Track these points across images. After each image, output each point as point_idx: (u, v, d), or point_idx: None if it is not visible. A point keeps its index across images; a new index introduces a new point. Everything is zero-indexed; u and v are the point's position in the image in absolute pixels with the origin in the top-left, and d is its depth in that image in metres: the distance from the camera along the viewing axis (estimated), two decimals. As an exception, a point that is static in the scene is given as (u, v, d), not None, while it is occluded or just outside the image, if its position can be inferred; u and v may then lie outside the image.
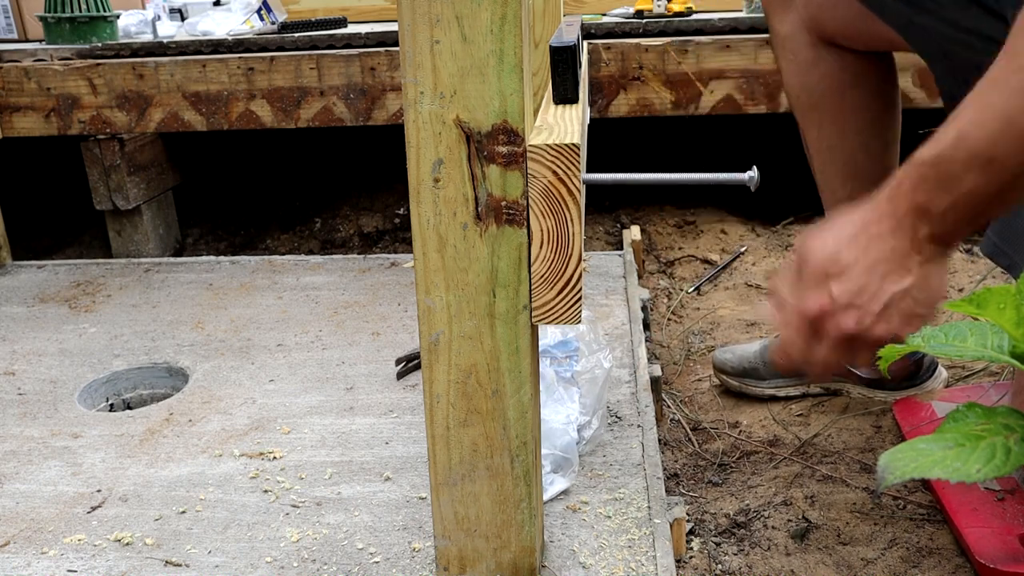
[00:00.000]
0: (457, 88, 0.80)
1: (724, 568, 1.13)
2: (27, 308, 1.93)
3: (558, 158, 0.82)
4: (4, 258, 2.22)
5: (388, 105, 2.19)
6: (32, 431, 1.40)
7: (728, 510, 1.25)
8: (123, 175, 2.29)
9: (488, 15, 0.78)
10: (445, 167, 0.83)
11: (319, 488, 1.21)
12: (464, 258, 0.86)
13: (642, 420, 1.35)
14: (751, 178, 0.89)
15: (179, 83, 2.23)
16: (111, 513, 1.18)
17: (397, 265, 2.10)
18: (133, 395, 1.61)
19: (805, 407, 1.51)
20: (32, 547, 1.11)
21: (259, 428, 1.38)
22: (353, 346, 1.67)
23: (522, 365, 0.89)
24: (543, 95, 1.08)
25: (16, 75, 2.26)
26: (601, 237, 2.45)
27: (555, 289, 0.86)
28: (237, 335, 1.74)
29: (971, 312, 0.87)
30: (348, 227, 2.60)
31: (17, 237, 2.52)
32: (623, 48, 2.14)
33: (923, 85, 2.11)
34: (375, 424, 1.38)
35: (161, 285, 2.04)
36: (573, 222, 0.84)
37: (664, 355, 1.77)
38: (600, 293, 1.85)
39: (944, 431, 0.83)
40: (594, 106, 2.18)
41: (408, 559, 1.06)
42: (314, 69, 2.18)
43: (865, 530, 1.18)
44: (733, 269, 2.17)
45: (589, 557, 1.05)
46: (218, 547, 1.10)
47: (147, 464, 1.29)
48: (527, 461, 0.93)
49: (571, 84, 0.97)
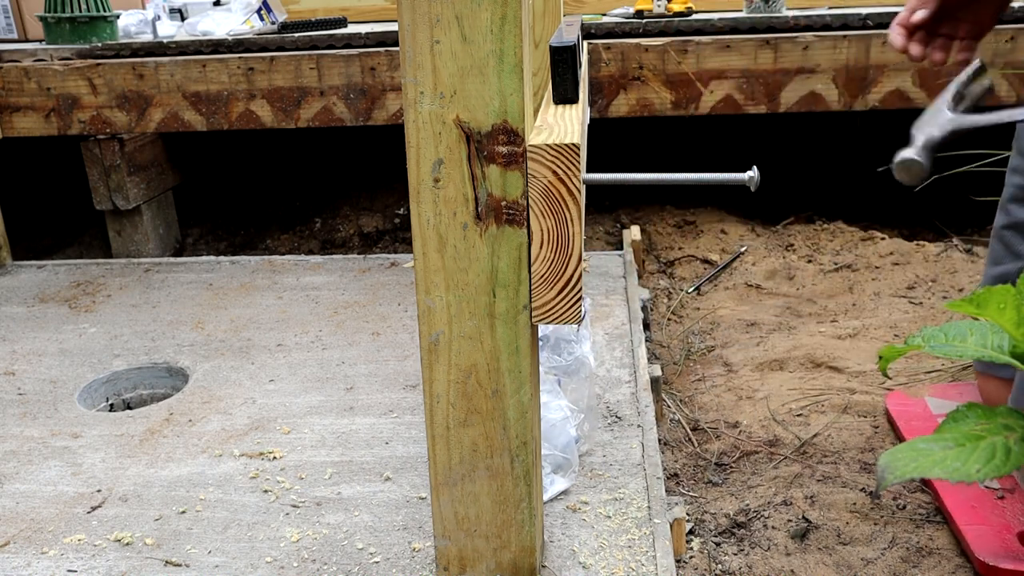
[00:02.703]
0: (457, 88, 0.80)
1: (724, 568, 1.13)
2: (27, 308, 1.93)
3: (558, 158, 0.82)
4: (4, 258, 2.22)
5: (388, 105, 2.19)
6: (32, 431, 1.40)
7: (728, 510, 1.25)
8: (123, 175, 2.29)
9: (488, 15, 0.78)
10: (445, 167, 0.83)
11: (319, 488, 1.21)
12: (464, 258, 0.86)
13: (642, 420, 1.35)
14: (751, 178, 0.90)
15: (179, 83, 2.23)
16: (111, 513, 1.18)
17: (397, 265, 2.10)
18: (133, 395, 1.61)
19: (805, 407, 1.51)
20: (32, 547, 1.11)
21: (259, 428, 1.38)
22: (353, 346, 1.67)
23: (522, 365, 0.89)
24: (543, 95, 1.08)
25: (16, 75, 2.26)
26: (601, 237, 2.45)
27: (555, 289, 0.86)
28: (237, 335, 1.74)
29: (971, 312, 0.87)
30: (348, 227, 2.60)
31: (17, 237, 2.52)
32: (623, 48, 2.14)
33: (923, 85, 2.11)
34: (375, 424, 1.38)
35: (161, 285, 2.04)
36: (573, 222, 0.84)
37: (664, 355, 1.77)
38: (600, 293, 1.85)
39: (944, 431, 0.83)
40: (594, 106, 2.18)
41: (408, 559, 1.06)
42: (314, 69, 2.18)
43: (865, 530, 1.18)
44: (733, 269, 2.17)
45: (589, 557, 1.05)
46: (218, 547, 1.10)
47: (147, 464, 1.29)
48: (527, 461, 0.93)
49: (571, 84, 0.97)
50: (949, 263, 2.07)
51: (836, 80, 2.13)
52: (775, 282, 2.09)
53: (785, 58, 2.10)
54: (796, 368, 1.65)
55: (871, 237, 2.25)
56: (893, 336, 1.75)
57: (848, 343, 1.73)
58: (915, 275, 2.04)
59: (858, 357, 1.65)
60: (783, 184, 2.46)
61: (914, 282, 2.01)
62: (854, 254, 2.18)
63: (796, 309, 1.94)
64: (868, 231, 2.29)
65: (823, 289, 2.02)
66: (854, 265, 2.12)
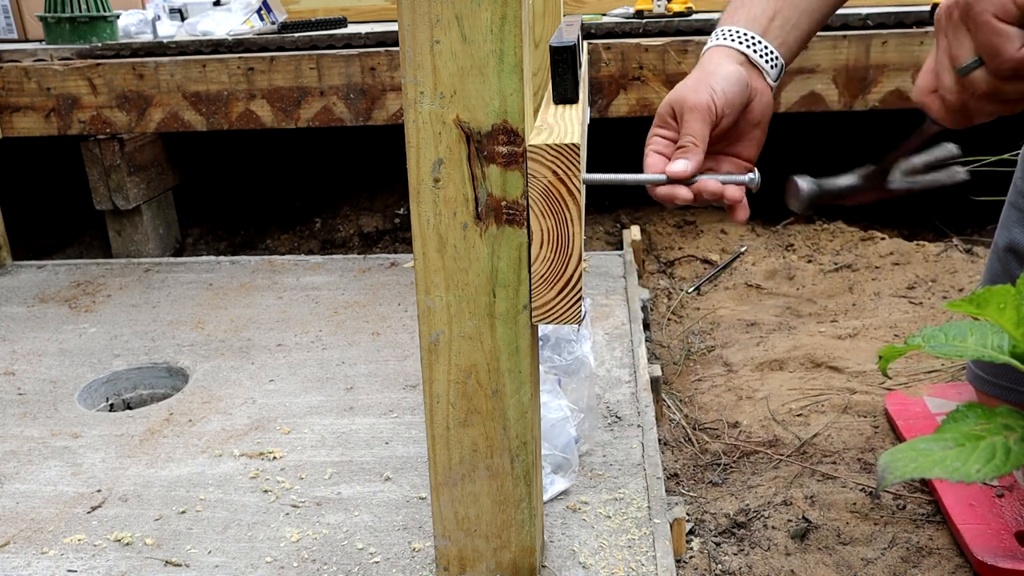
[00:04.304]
0: (457, 88, 0.80)
1: (724, 568, 1.13)
2: (27, 308, 1.93)
3: (558, 158, 0.82)
4: (4, 258, 2.22)
5: (388, 105, 2.19)
6: (32, 431, 1.40)
7: (728, 510, 1.25)
8: (123, 175, 2.29)
9: (488, 15, 0.78)
10: (445, 167, 0.83)
11: (319, 488, 1.21)
12: (464, 258, 0.86)
13: (642, 420, 1.35)
14: (752, 179, 0.90)
15: (179, 83, 2.23)
16: (111, 513, 1.18)
17: (397, 265, 2.10)
18: (133, 395, 1.61)
19: (805, 407, 1.51)
20: (32, 547, 1.11)
21: (259, 428, 1.38)
22: (353, 346, 1.67)
23: (522, 365, 0.89)
24: (543, 95, 1.08)
25: (16, 75, 2.26)
26: (601, 237, 2.45)
27: (555, 289, 0.86)
28: (237, 335, 1.74)
29: (971, 312, 0.87)
30: (348, 227, 2.60)
31: (17, 237, 2.52)
32: (623, 48, 2.14)
33: (923, 85, 2.11)
34: (375, 424, 1.38)
35: (161, 285, 2.04)
36: (573, 222, 0.84)
37: (664, 355, 1.77)
38: (600, 293, 1.85)
39: (944, 431, 0.83)
40: (594, 106, 2.18)
41: (408, 559, 1.06)
42: (314, 69, 2.18)
43: (865, 530, 1.18)
44: (733, 269, 2.17)
45: (589, 557, 1.05)
46: (218, 547, 1.10)
47: (147, 464, 1.29)
48: (527, 461, 0.93)
49: (571, 84, 0.97)
50: (949, 263, 2.07)
51: (836, 80, 2.13)
52: (775, 282, 2.09)
53: (785, 58, 2.10)
54: (796, 368, 1.65)
55: (871, 237, 2.25)
56: (893, 336, 1.75)
57: (848, 343, 1.73)
58: (915, 275, 2.04)
59: (858, 357, 1.65)
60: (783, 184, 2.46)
61: (914, 282, 2.01)
62: (854, 254, 2.18)
63: (796, 309, 1.94)
64: (868, 231, 2.29)
65: (823, 289, 2.02)
66: (854, 265, 2.12)
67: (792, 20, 0.99)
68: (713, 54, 0.96)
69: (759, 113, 0.97)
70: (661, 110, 0.94)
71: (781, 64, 0.98)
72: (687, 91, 0.91)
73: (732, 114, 0.93)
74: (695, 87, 0.91)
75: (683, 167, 0.89)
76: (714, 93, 0.90)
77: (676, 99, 0.92)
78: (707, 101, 0.90)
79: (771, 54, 0.97)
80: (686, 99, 0.91)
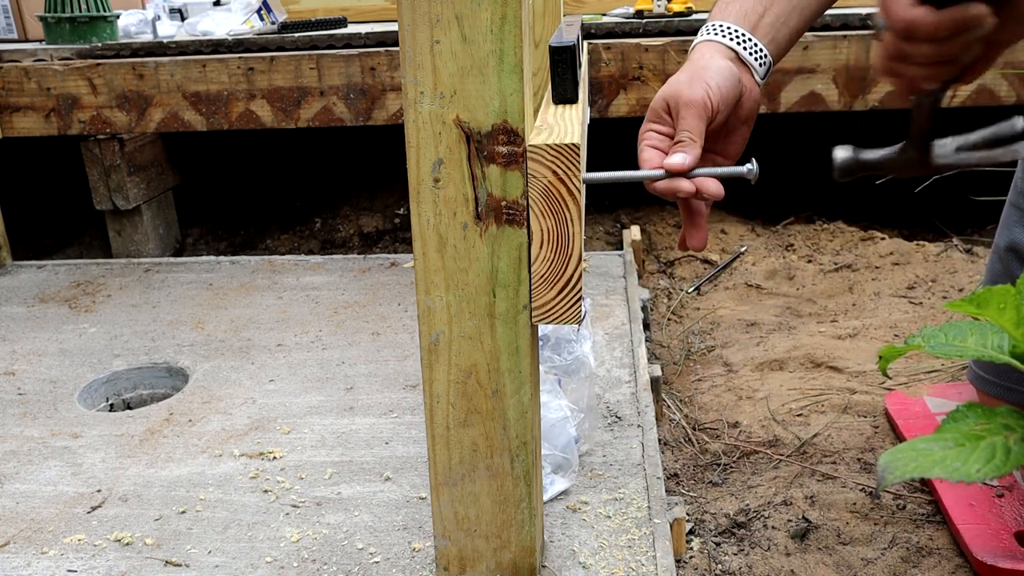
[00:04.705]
0: (457, 88, 0.80)
1: (724, 568, 1.13)
2: (27, 308, 1.93)
3: (558, 158, 0.82)
4: (4, 258, 2.22)
5: (388, 105, 2.19)
6: (32, 431, 1.40)
7: (728, 510, 1.25)
8: (123, 175, 2.29)
9: (488, 15, 0.78)
10: (445, 167, 0.83)
11: (319, 488, 1.21)
12: (464, 258, 0.86)
13: (642, 420, 1.35)
14: (750, 170, 0.88)
15: (179, 83, 2.23)
16: (111, 513, 1.18)
17: (397, 265, 2.10)
18: (133, 395, 1.61)
19: (805, 407, 1.51)
20: (32, 547, 1.11)
21: (259, 428, 1.38)
22: (353, 346, 1.67)
23: (522, 365, 0.89)
24: (543, 95, 1.08)
25: (16, 75, 2.26)
26: (601, 237, 2.45)
27: (555, 289, 0.86)
28: (237, 335, 1.74)
29: (971, 312, 0.87)
30: (348, 227, 2.60)
31: (17, 237, 2.52)
32: (623, 48, 2.14)
33: (923, 85, 2.11)
34: (375, 424, 1.38)
35: (161, 285, 2.04)
36: (573, 222, 0.84)
37: (664, 355, 1.77)
38: (600, 293, 1.85)
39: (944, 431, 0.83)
40: (594, 106, 2.18)
41: (408, 559, 1.06)
42: (314, 69, 2.18)
43: (865, 530, 1.18)
44: (733, 269, 2.17)
45: (589, 557, 1.05)
46: (218, 547, 1.10)
47: (147, 464, 1.29)
48: (527, 461, 0.93)
49: (571, 84, 0.97)
50: (949, 263, 2.07)
51: (836, 80, 2.13)
52: (775, 282, 2.09)
53: (785, 58, 2.10)
54: (796, 368, 1.65)
55: (871, 237, 2.25)
56: (893, 336, 1.75)
57: (848, 343, 1.73)
58: (915, 275, 2.04)
59: (858, 357, 1.65)
60: (783, 184, 2.45)
61: (914, 282, 2.01)
62: (854, 254, 2.18)
63: (796, 309, 1.94)
64: (868, 231, 2.29)
65: (823, 289, 2.02)
66: (854, 265, 2.12)
67: (783, 17, 0.98)
68: (704, 49, 0.96)
69: (747, 110, 0.96)
70: (655, 105, 0.93)
71: (769, 62, 0.97)
72: (681, 86, 0.90)
73: (726, 110, 0.92)
74: (689, 82, 0.90)
75: (681, 160, 0.88)
76: (709, 88, 0.90)
77: (671, 94, 0.91)
78: (703, 96, 0.89)
79: (760, 52, 0.96)
80: (681, 94, 0.90)
